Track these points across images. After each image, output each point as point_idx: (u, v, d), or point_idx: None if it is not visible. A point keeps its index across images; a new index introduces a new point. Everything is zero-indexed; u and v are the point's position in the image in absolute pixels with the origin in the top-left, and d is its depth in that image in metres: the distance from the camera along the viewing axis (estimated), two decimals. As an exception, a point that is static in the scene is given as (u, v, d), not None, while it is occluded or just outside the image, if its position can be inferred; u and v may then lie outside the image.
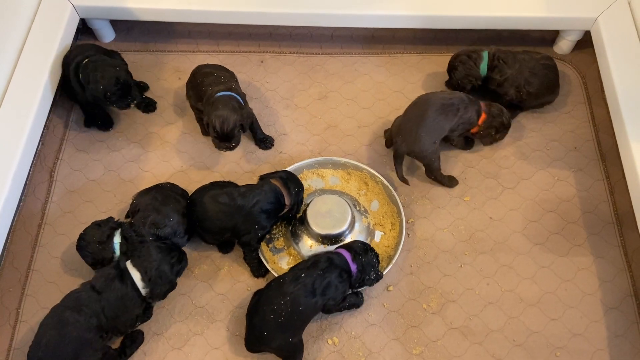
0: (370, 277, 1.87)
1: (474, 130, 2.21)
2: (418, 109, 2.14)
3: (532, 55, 2.30)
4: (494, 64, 2.28)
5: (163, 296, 1.87)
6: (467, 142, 2.32)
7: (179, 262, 1.88)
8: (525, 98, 2.30)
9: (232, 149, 2.15)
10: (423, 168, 2.23)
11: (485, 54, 2.29)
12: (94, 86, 2.15)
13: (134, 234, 1.92)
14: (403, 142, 2.12)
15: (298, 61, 2.58)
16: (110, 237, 1.91)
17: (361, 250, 1.87)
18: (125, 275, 1.80)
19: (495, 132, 2.21)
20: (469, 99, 2.16)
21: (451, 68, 2.35)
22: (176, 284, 1.89)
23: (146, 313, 1.89)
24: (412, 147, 2.12)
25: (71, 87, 2.25)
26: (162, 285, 1.82)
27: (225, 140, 2.10)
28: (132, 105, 2.25)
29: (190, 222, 2.01)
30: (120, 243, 1.91)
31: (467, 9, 2.39)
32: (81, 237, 1.93)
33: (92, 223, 1.96)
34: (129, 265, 1.82)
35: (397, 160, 2.18)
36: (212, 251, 2.10)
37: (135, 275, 1.80)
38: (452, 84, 2.39)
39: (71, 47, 2.38)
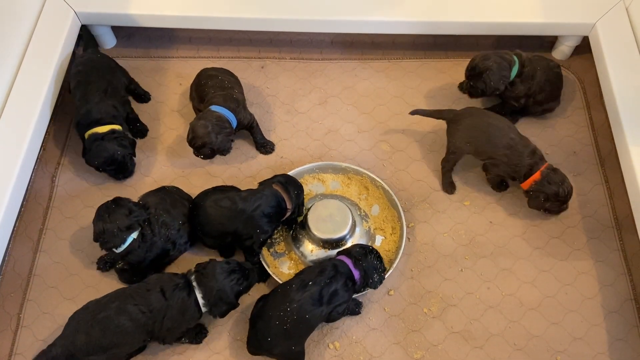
0: (374, 279, 1.87)
1: (524, 185, 2.07)
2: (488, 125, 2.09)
3: (547, 62, 2.27)
4: (522, 71, 2.20)
5: (222, 315, 1.86)
6: (500, 185, 2.21)
7: (240, 284, 1.84)
8: (531, 105, 2.29)
9: (201, 158, 2.19)
10: (422, 175, 2.26)
11: (516, 59, 2.20)
12: (90, 160, 2.17)
13: (150, 232, 1.93)
14: (478, 146, 2.09)
15: (298, 67, 2.60)
16: (131, 229, 1.89)
17: (361, 254, 1.87)
18: (191, 289, 1.80)
19: (545, 199, 2.03)
20: (535, 152, 2.04)
21: (483, 69, 2.14)
22: (237, 304, 1.87)
23: (197, 336, 1.93)
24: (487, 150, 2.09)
25: None
26: (222, 305, 1.82)
27: (193, 148, 2.16)
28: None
29: (193, 226, 2.02)
30: (135, 239, 1.90)
31: (466, 15, 2.41)
32: (106, 211, 1.89)
33: (128, 205, 1.91)
34: (193, 280, 1.82)
35: (455, 161, 2.16)
36: (214, 256, 2.10)
37: (199, 293, 1.80)
38: (476, 87, 2.21)
39: (88, 48, 2.41)
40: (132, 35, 2.68)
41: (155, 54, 2.64)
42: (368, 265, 1.85)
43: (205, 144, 2.11)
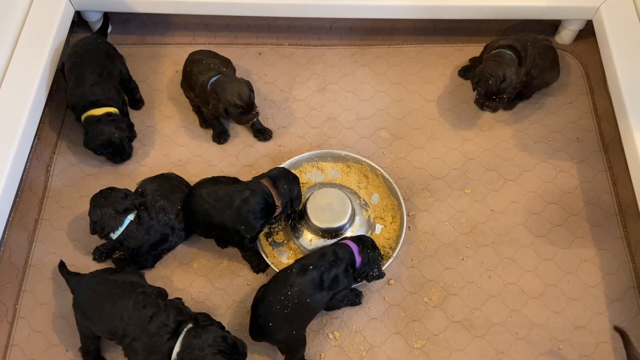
0: (373, 273, 1.85)
1: None
2: None
3: (535, 37, 2.25)
4: (518, 53, 2.18)
5: None
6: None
7: None
8: (528, 80, 2.23)
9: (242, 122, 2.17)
10: (423, 163, 2.22)
11: (509, 52, 2.17)
12: (87, 143, 2.15)
13: (147, 216, 1.91)
14: None
15: (296, 53, 2.55)
16: (127, 211, 1.90)
17: (370, 244, 1.86)
18: (176, 336, 1.67)
19: None
20: None
21: (504, 77, 2.11)
22: None
23: None
24: None
25: None
26: None
27: (248, 107, 2.11)
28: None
29: (185, 215, 2.00)
30: (132, 221, 1.90)
31: (467, -2, 2.36)
32: (101, 196, 1.90)
33: (122, 190, 1.93)
34: (185, 331, 1.67)
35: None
36: (211, 245, 2.08)
37: (177, 348, 1.65)
38: (506, 93, 2.15)
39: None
40: (127, 21, 2.63)
41: (150, 40, 2.59)
42: (373, 257, 1.84)
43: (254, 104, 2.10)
